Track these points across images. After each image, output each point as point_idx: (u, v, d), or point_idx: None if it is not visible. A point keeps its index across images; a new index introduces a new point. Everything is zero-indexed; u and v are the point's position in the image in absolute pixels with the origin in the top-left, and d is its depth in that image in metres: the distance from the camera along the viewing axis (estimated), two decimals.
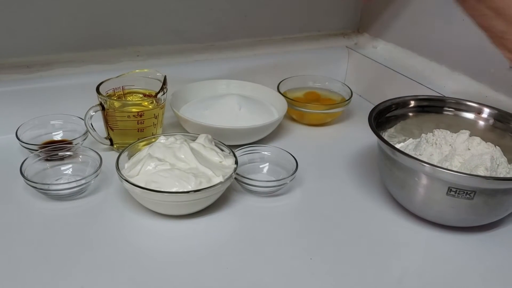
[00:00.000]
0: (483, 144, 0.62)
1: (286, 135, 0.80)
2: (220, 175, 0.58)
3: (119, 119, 0.68)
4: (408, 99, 0.70)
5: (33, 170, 0.62)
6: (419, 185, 0.57)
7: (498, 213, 0.58)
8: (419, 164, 0.55)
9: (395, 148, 0.57)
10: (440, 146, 0.62)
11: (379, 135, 0.60)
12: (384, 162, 0.62)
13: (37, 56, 0.76)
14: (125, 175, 0.58)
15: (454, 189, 0.54)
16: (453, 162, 0.60)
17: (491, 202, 0.55)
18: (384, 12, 0.93)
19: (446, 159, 0.61)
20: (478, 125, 0.68)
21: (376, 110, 0.66)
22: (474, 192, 0.54)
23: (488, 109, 0.68)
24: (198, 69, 0.84)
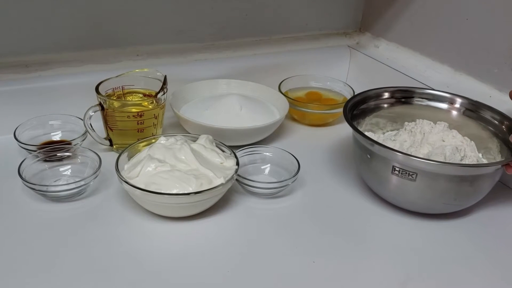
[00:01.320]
0: (459, 137, 0.65)
1: (288, 135, 0.79)
2: (221, 177, 0.57)
3: (119, 119, 0.67)
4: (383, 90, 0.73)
5: (32, 171, 0.62)
6: (371, 165, 0.60)
7: (446, 200, 0.59)
8: (369, 144, 0.59)
9: (358, 130, 0.61)
10: (414, 134, 0.65)
11: (351, 123, 0.63)
12: (356, 151, 0.65)
13: (36, 55, 0.76)
14: (125, 177, 0.57)
15: (398, 168, 0.57)
16: (422, 150, 0.63)
17: (434, 187, 0.57)
18: (386, 12, 0.92)
19: (414, 145, 0.63)
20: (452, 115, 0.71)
21: (352, 101, 0.69)
22: (416, 173, 0.56)
23: (460, 99, 0.70)
24: (198, 69, 0.84)
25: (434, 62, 0.83)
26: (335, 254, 0.55)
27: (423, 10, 0.85)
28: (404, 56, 0.89)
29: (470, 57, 0.77)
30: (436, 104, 0.71)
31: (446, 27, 0.80)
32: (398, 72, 0.85)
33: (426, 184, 0.57)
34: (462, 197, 0.59)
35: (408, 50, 0.89)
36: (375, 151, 0.59)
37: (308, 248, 0.55)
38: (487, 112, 0.68)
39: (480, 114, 0.68)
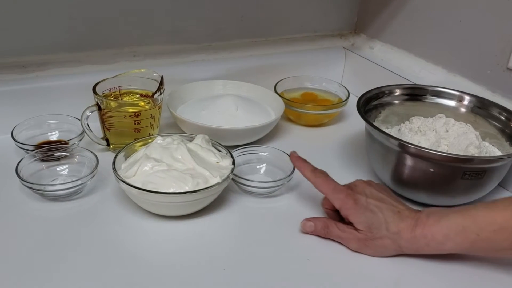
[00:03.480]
0: (458, 124, 0.67)
1: (283, 135, 0.80)
2: (217, 176, 0.58)
3: (116, 119, 0.68)
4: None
5: (29, 171, 0.62)
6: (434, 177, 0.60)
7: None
8: (437, 156, 0.58)
9: (388, 134, 0.61)
10: (424, 133, 0.66)
11: (369, 121, 0.63)
12: (373, 147, 0.66)
13: (33, 56, 0.76)
14: (122, 176, 0.57)
15: (469, 172, 0.58)
16: (441, 146, 0.64)
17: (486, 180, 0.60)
18: (381, 13, 0.93)
19: (436, 145, 0.64)
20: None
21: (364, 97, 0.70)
22: (484, 172, 0.58)
23: (469, 96, 0.72)
24: (195, 70, 0.84)
25: (428, 63, 0.84)
26: (330, 252, 0.55)
27: (417, 12, 0.85)
28: (398, 57, 0.89)
29: (464, 58, 0.78)
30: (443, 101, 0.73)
31: (440, 29, 0.81)
32: (393, 73, 0.86)
33: (490, 179, 0.60)
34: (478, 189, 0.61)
35: (403, 51, 0.89)
36: (443, 163, 0.58)
37: (303, 246, 0.56)
38: (495, 109, 0.69)
39: (488, 111, 0.70)
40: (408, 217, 0.53)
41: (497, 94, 0.73)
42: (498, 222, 0.48)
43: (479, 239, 0.49)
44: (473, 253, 0.53)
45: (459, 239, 0.50)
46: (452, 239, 0.50)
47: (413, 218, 0.52)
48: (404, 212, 0.53)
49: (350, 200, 0.54)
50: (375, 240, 0.53)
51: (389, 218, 0.53)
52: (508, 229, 0.48)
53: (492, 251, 0.51)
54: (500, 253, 0.51)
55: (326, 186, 0.57)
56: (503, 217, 0.48)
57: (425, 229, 0.51)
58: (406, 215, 0.53)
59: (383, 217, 0.53)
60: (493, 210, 0.49)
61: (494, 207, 0.50)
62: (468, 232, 0.49)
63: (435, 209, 0.53)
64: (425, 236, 0.51)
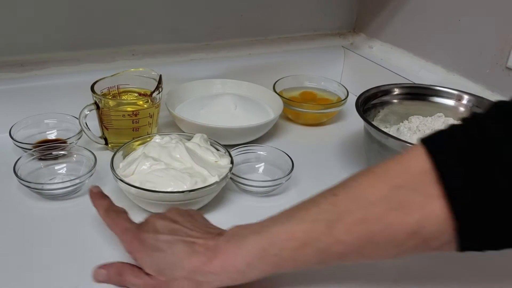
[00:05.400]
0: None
1: (282, 134, 0.80)
2: (215, 175, 0.58)
3: (114, 118, 0.68)
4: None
5: (27, 170, 0.62)
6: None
7: None
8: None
9: (388, 134, 0.60)
10: (423, 132, 0.66)
11: (368, 121, 0.63)
12: (372, 146, 0.65)
13: (31, 54, 0.76)
14: (120, 175, 0.57)
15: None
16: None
17: None
18: (380, 12, 0.93)
19: None
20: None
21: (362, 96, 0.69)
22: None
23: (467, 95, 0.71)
24: (193, 69, 0.84)
25: (427, 62, 0.84)
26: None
27: (416, 11, 0.85)
28: (397, 56, 0.89)
29: (463, 57, 0.78)
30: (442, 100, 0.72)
31: (439, 28, 0.81)
32: (392, 73, 0.86)
33: None
34: None
35: (402, 50, 0.89)
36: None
37: None
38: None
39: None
40: (203, 248, 0.44)
41: (496, 93, 0.73)
42: (298, 238, 0.42)
43: (282, 260, 0.42)
44: (285, 271, 0.44)
45: (261, 264, 0.43)
46: (255, 265, 0.43)
47: (209, 249, 0.44)
48: (199, 242, 0.44)
49: (135, 241, 0.46)
50: (171, 284, 0.44)
51: (181, 254, 0.44)
52: (310, 244, 0.41)
53: (303, 267, 0.43)
54: (314, 267, 0.43)
55: (115, 228, 0.49)
56: (302, 231, 0.42)
57: (225, 261, 0.43)
58: (201, 245, 0.44)
59: (175, 254, 0.44)
60: (290, 224, 0.43)
61: (291, 219, 0.43)
62: (269, 255, 0.42)
63: (237, 230, 0.45)
64: (223, 268, 0.43)
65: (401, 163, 0.41)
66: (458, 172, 0.37)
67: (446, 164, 0.38)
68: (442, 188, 0.37)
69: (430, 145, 0.39)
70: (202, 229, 0.47)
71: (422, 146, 0.40)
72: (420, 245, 0.40)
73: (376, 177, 0.41)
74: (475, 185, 0.37)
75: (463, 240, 0.38)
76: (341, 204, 0.42)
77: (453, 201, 0.37)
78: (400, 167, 0.41)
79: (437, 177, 0.38)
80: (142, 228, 0.47)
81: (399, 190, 0.39)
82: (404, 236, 0.39)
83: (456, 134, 0.39)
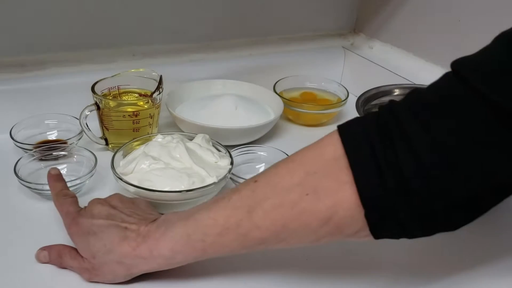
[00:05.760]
0: None
1: (282, 135, 0.80)
2: (214, 176, 0.58)
3: (115, 118, 0.68)
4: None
5: (27, 170, 0.62)
6: None
7: None
8: None
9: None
10: None
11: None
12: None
13: (32, 55, 0.76)
14: (119, 173, 0.58)
15: None
16: None
17: None
18: (380, 13, 0.93)
19: None
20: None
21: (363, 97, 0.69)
22: None
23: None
24: (194, 69, 0.84)
25: (428, 63, 0.84)
26: (327, 251, 0.55)
27: (416, 12, 0.85)
28: (398, 57, 0.89)
29: None
30: None
31: (439, 28, 0.81)
32: (392, 73, 0.86)
33: None
34: None
35: (402, 51, 0.89)
36: None
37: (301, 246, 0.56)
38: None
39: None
40: (134, 233, 0.45)
41: None
42: (220, 224, 0.43)
43: (207, 245, 0.44)
44: (211, 256, 0.45)
45: (186, 249, 0.44)
46: (180, 251, 0.44)
47: (139, 234, 0.45)
48: (132, 227, 0.46)
49: (73, 225, 0.48)
50: (102, 267, 0.46)
51: (112, 238, 0.45)
52: (231, 229, 0.42)
53: (229, 253, 0.45)
54: (240, 252, 0.45)
55: (60, 211, 0.51)
56: (224, 217, 0.43)
57: (152, 245, 0.44)
58: (133, 230, 0.46)
59: (107, 238, 0.46)
60: (213, 210, 0.44)
61: (215, 206, 0.44)
62: (194, 241, 0.44)
63: (169, 216, 0.47)
64: (151, 253, 0.44)
65: (316, 150, 0.42)
66: (367, 159, 0.38)
67: (356, 151, 0.39)
68: (352, 174, 0.38)
69: (344, 131, 0.40)
70: (140, 215, 0.48)
71: (336, 132, 0.41)
72: (334, 232, 0.40)
73: (293, 163, 0.42)
74: (382, 173, 0.37)
75: (372, 228, 0.39)
76: (260, 191, 0.42)
77: (361, 188, 0.38)
78: (315, 153, 0.41)
79: (347, 163, 0.38)
80: (81, 212, 0.49)
81: (312, 177, 0.40)
82: (317, 222, 0.40)
83: (369, 122, 0.40)
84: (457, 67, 0.39)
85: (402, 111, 0.38)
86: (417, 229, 0.39)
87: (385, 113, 0.39)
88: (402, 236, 0.40)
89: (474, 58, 0.38)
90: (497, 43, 0.38)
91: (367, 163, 0.38)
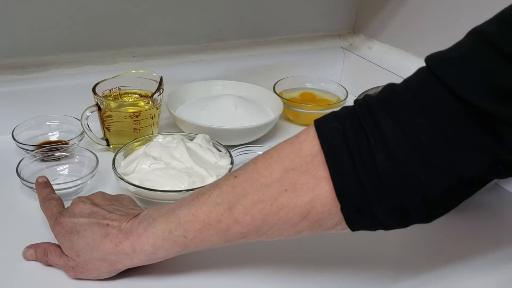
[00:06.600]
0: None
1: (282, 135, 0.80)
2: (214, 175, 0.58)
3: (115, 119, 0.68)
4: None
5: (29, 171, 0.62)
6: None
7: None
8: None
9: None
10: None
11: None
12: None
13: (33, 56, 0.76)
14: (120, 173, 0.58)
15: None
16: None
17: None
18: (379, 13, 0.94)
19: None
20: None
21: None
22: None
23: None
24: (194, 70, 0.84)
25: None
26: (327, 250, 0.56)
27: (415, 12, 0.86)
28: (396, 57, 0.90)
29: None
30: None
31: (438, 28, 0.81)
32: (391, 73, 0.86)
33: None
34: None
35: (401, 51, 0.90)
36: None
37: (301, 244, 0.56)
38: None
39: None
40: (116, 230, 0.46)
41: None
42: (201, 219, 0.43)
43: (188, 241, 0.44)
44: (194, 250, 0.46)
45: (168, 245, 0.45)
46: (162, 246, 0.45)
47: (121, 231, 0.46)
48: (113, 224, 0.46)
49: (56, 225, 0.49)
50: (87, 264, 0.47)
51: (95, 235, 0.46)
52: (212, 225, 0.43)
53: (210, 247, 0.45)
54: (221, 246, 0.45)
55: (46, 214, 0.52)
56: (205, 213, 0.43)
57: (134, 241, 0.45)
58: (115, 227, 0.46)
59: (89, 236, 0.46)
60: (194, 206, 0.44)
61: (196, 203, 0.44)
62: (175, 236, 0.44)
63: (151, 212, 0.47)
64: (133, 249, 0.45)
65: (293, 146, 0.42)
66: (343, 156, 0.39)
67: (332, 147, 0.39)
68: (329, 171, 0.39)
69: (320, 127, 0.41)
70: (122, 211, 0.49)
71: (313, 127, 0.41)
72: (313, 225, 0.41)
73: (272, 159, 0.43)
74: (356, 169, 0.38)
75: (348, 221, 0.40)
76: (239, 186, 0.43)
77: (337, 184, 0.39)
78: (292, 149, 0.42)
79: (324, 160, 0.39)
80: (63, 212, 0.50)
81: (290, 173, 0.41)
82: (297, 217, 0.41)
83: (345, 118, 0.40)
84: (429, 62, 0.39)
85: (376, 107, 0.39)
86: (391, 222, 0.41)
87: (360, 109, 0.40)
88: (378, 228, 0.41)
89: (446, 54, 0.39)
90: (468, 39, 0.39)
91: (343, 160, 0.39)
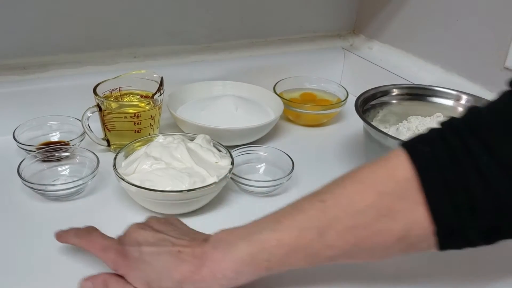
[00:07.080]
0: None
1: (283, 135, 0.81)
2: (214, 175, 0.58)
3: (116, 120, 0.68)
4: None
5: (31, 171, 0.62)
6: None
7: None
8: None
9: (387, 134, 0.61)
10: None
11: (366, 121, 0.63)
12: (371, 147, 0.65)
13: (34, 57, 0.76)
14: (121, 173, 0.58)
15: None
16: None
17: None
18: (379, 14, 0.94)
19: None
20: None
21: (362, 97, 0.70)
22: None
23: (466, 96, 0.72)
24: (194, 70, 0.85)
25: (426, 63, 0.85)
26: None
27: (415, 12, 0.86)
28: (397, 57, 0.90)
29: (461, 58, 0.78)
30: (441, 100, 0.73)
31: (437, 28, 0.82)
32: (391, 73, 0.86)
33: None
34: None
35: (401, 51, 0.90)
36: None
37: None
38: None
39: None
40: (190, 256, 0.44)
41: (494, 93, 0.74)
42: (287, 244, 0.42)
43: (271, 264, 0.43)
44: (276, 273, 0.45)
45: (251, 270, 0.43)
46: (244, 272, 0.43)
47: (196, 256, 0.44)
48: (186, 250, 0.44)
49: (119, 257, 0.46)
50: None
51: (169, 264, 0.44)
52: (300, 250, 0.42)
53: (293, 268, 0.44)
54: (304, 267, 0.44)
55: (93, 247, 0.48)
56: (290, 238, 0.42)
57: (214, 268, 0.43)
58: (188, 254, 0.44)
59: (162, 266, 0.44)
60: (278, 230, 0.43)
61: (279, 227, 0.43)
62: (259, 260, 0.43)
63: (223, 235, 0.46)
64: (214, 276, 0.43)
65: (385, 169, 0.42)
66: (438, 180, 0.39)
67: (427, 172, 0.40)
68: (425, 195, 0.39)
69: (412, 152, 0.41)
70: (188, 236, 0.47)
71: (404, 151, 0.41)
72: (407, 248, 0.42)
73: (363, 184, 0.43)
74: (452, 193, 0.39)
75: (441, 243, 0.41)
76: (330, 212, 0.43)
77: (434, 209, 0.39)
78: (385, 174, 0.42)
79: (419, 184, 0.40)
80: (123, 242, 0.47)
81: (385, 198, 0.41)
82: (392, 241, 0.41)
83: (435, 141, 0.41)
84: None
85: (465, 130, 0.40)
86: (482, 242, 0.41)
87: (448, 132, 0.41)
88: (466, 247, 0.42)
89: None
90: None
91: (438, 184, 0.39)
